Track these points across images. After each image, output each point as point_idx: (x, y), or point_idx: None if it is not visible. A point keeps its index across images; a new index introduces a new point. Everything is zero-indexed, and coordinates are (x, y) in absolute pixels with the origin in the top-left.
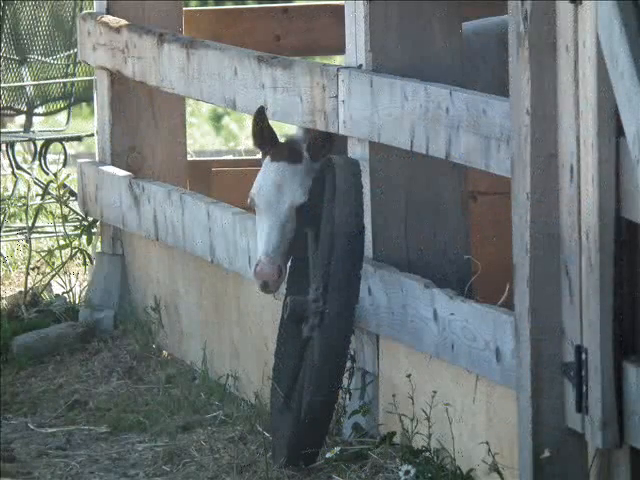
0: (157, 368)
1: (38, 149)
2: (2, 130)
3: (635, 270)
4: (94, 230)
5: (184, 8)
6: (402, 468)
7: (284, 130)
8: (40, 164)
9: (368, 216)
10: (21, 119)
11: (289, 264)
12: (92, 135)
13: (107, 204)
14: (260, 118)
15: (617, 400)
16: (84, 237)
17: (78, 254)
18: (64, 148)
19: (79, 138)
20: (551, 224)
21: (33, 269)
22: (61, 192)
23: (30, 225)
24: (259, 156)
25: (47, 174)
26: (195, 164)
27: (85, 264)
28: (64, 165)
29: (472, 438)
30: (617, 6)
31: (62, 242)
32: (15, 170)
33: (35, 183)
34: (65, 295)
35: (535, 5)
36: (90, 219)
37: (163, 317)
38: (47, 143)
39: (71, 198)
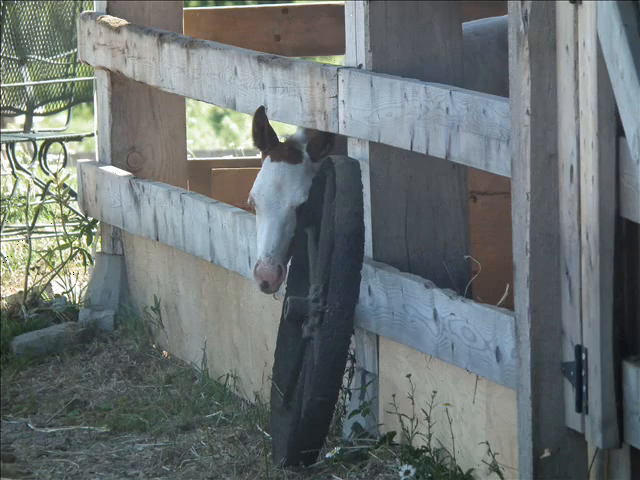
0: (157, 368)
1: (38, 149)
2: (2, 130)
3: (635, 270)
4: (94, 230)
5: (184, 8)
6: (402, 468)
7: (284, 130)
8: (40, 164)
9: (368, 216)
10: (21, 119)
11: (289, 264)
12: (92, 135)
13: (107, 204)
14: (260, 118)
15: (617, 400)
16: (84, 237)
17: (78, 254)
18: (64, 148)
19: (79, 138)
20: (551, 224)
21: (33, 269)
22: (61, 192)
23: (30, 225)
24: (259, 156)
25: (47, 174)
26: (195, 164)
27: (85, 264)
28: (64, 165)
29: (472, 438)
30: (617, 6)
31: (62, 242)
32: (15, 170)
33: (35, 183)
34: (65, 295)
35: (535, 5)
36: (90, 219)
37: (163, 317)
38: (47, 143)
39: (71, 198)
